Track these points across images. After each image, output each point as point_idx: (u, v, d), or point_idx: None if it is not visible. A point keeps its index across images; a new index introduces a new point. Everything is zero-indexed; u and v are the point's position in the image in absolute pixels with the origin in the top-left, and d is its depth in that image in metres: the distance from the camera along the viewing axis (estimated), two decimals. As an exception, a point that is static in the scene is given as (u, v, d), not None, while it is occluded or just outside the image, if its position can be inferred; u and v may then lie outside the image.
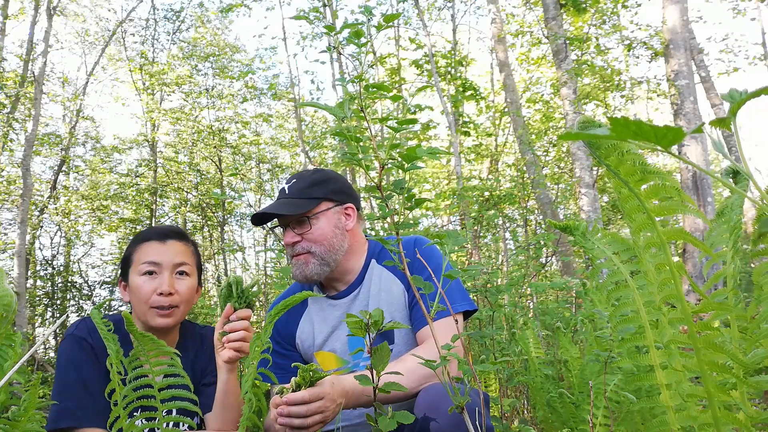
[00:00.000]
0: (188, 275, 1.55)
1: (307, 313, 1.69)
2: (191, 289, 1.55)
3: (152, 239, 1.54)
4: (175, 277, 1.52)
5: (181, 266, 1.53)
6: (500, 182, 7.86)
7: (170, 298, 1.49)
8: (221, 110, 10.95)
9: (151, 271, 1.50)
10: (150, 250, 1.52)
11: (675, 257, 7.17)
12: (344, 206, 1.64)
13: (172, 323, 1.52)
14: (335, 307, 1.65)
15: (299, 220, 1.58)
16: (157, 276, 1.50)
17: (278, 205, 1.58)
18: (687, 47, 7.97)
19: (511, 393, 2.79)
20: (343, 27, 1.09)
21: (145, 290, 1.49)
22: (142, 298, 1.49)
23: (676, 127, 0.43)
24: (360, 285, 1.64)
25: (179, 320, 1.55)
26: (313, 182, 1.61)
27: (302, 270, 1.58)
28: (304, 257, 1.57)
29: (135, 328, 1.13)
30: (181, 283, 1.53)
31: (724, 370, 0.78)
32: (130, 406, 1.14)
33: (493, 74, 11.74)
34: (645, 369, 0.91)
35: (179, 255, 1.54)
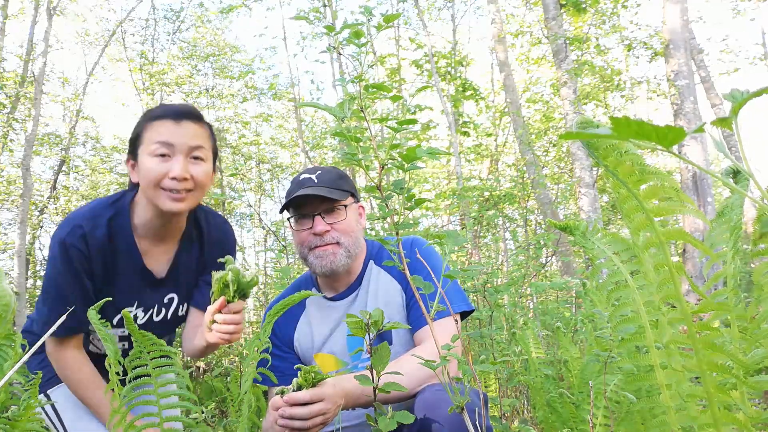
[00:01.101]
0: (203, 161, 1.43)
1: (305, 314, 1.68)
2: (206, 175, 1.44)
3: (166, 117, 1.40)
4: (190, 161, 1.40)
5: (196, 150, 1.41)
6: (500, 182, 7.86)
7: (184, 183, 1.38)
8: (221, 110, 10.94)
9: (164, 153, 1.38)
10: (163, 130, 1.38)
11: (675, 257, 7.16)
12: (358, 204, 1.65)
13: (185, 208, 1.42)
14: (334, 308, 1.64)
15: (331, 209, 1.54)
16: (170, 159, 1.38)
17: (318, 190, 1.50)
18: (687, 47, 7.97)
19: (511, 393, 2.79)
20: (343, 27, 1.08)
21: (156, 172, 1.37)
22: (153, 180, 1.37)
23: (677, 127, 0.43)
24: (359, 286, 1.64)
25: (191, 206, 1.45)
26: (339, 175, 1.59)
27: (330, 261, 1.53)
28: (332, 247, 1.53)
29: (134, 327, 1.13)
30: (195, 168, 1.41)
31: (724, 370, 0.78)
32: (131, 406, 1.14)
33: (493, 74, 11.74)
34: (645, 369, 0.91)
35: (195, 138, 1.41)
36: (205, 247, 1.60)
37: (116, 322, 1.50)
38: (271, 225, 7.18)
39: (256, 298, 7.96)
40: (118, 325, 1.51)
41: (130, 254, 1.47)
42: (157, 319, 1.55)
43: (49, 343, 1.46)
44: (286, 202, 1.58)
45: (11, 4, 9.35)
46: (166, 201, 1.39)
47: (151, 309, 1.54)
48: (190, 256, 1.58)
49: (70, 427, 1.52)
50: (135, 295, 1.50)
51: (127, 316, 1.13)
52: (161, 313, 1.56)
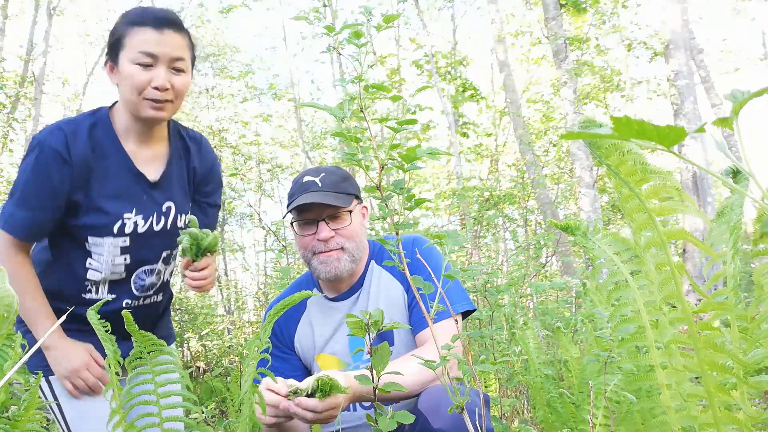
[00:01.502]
0: (184, 71, 1.47)
1: (306, 315, 1.67)
2: (186, 85, 1.49)
3: (147, 24, 1.42)
4: (171, 71, 1.44)
5: (178, 61, 1.45)
6: (500, 182, 7.86)
7: (165, 93, 1.43)
8: (221, 110, 10.95)
9: (147, 63, 1.41)
10: (146, 39, 1.41)
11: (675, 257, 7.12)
12: (362, 205, 1.64)
13: (166, 117, 1.49)
14: (336, 309, 1.63)
15: (336, 215, 1.54)
16: (152, 68, 1.42)
17: (322, 196, 1.50)
18: (687, 47, 7.97)
19: (511, 393, 2.79)
20: (343, 27, 1.08)
21: (139, 80, 1.41)
22: (136, 88, 1.41)
23: (678, 127, 0.43)
24: (361, 287, 1.63)
25: (171, 115, 1.51)
26: (343, 177, 1.58)
27: (335, 267, 1.53)
28: (336, 253, 1.53)
29: (134, 328, 1.13)
30: (176, 78, 1.45)
31: (725, 370, 0.78)
32: (130, 407, 1.14)
33: (493, 74, 11.75)
34: (645, 369, 0.91)
35: (177, 49, 1.45)
36: (193, 158, 1.65)
37: (116, 230, 1.49)
38: (271, 225, 7.18)
39: (256, 298, 7.96)
40: (118, 234, 1.50)
41: (118, 156, 1.50)
42: (157, 228, 1.55)
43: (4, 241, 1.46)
44: (289, 207, 1.57)
45: (11, 4, 9.35)
46: (148, 110, 1.44)
47: (150, 217, 1.54)
48: (180, 164, 1.62)
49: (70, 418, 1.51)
50: (132, 201, 1.51)
51: (127, 316, 1.12)
52: (161, 221, 1.56)
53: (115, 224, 1.49)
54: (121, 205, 1.50)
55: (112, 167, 1.49)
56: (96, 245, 1.50)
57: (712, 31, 33.72)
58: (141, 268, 1.57)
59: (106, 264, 1.51)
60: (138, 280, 1.57)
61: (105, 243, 1.49)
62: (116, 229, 1.49)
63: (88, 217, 1.47)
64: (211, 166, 1.69)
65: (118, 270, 1.53)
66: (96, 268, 1.52)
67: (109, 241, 1.49)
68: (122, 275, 1.54)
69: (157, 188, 1.55)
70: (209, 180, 1.69)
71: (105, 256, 1.50)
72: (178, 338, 4.94)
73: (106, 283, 1.54)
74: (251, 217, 9.89)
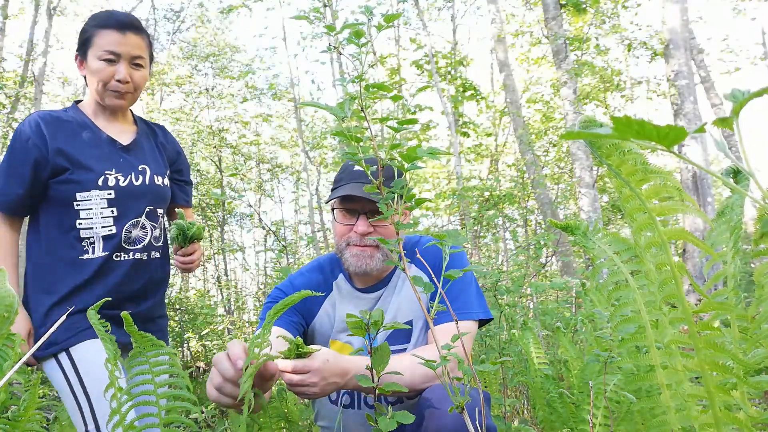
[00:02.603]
0: (143, 67, 1.77)
1: (331, 297, 1.65)
2: (144, 79, 1.80)
3: (112, 28, 1.71)
4: (132, 66, 1.74)
5: (137, 59, 1.74)
6: (500, 182, 7.86)
7: (126, 86, 1.73)
8: (221, 110, 10.94)
9: (111, 59, 1.70)
10: (111, 40, 1.70)
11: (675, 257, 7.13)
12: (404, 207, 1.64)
13: (125, 105, 1.79)
14: (362, 299, 1.63)
15: (377, 212, 1.52)
16: (115, 64, 1.71)
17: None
18: (687, 47, 7.97)
19: (511, 393, 2.79)
20: (343, 27, 1.08)
21: (104, 74, 1.71)
22: (101, 80, 1.71)
23: (678, 127, 0.43)
24: (389, 282, 1.63)
25: (131, 103, 1.81)
26: (390, 175, 1.57)
27: (366, 263, 1.53)
28: (370, 250, 1.53)
29: (134, 329, 1.13)
30: (136, 73, 1.75)
31: (725, 370, 0.78)
32: (129, 408, 1.14)
33: (493, 74, 11.75)
34: (645, 369, 0.91)
35: (136, 48, 1.74)
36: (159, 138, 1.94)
37: (101, 183, 1.71)
38: (271, 225, 7.18)
39: (255, 298, 7.96)
40: (103, 186, 1.71)
41: (92, 130, 1.78)
42: (137, 183, 1.77)
43: None
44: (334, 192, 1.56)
45: (11, 4, 9.35)
46: (112, 99, 1.75)
47: (128, 174, 1.76)
48: (149, 140, 1.90)
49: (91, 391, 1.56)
50: (109, 161, 1.75)
51: (126, 317, 1.12)
52: (139, 178, 1.79)
53: (99, 178, 1.71)
54: (102, 163, 1.73)
55: (88, 138, 1.76)
56: (84, 200, 1.70)
57: (712, 31, 33.69)
58: (128, 221, 1.75)
59: (96, 217, 1.70)
60: (126, 233, 1.75)
61: (92, 196, 1.70)
62: (101, 182, 1.71)
63: (75, 174, 1.69)
64: (176, 148, 1.99)
65: (107, 223, 1.72)
66: (86, 225, 1.71)
67: (95, 194, 1.70)
68: (111, 230, 1.72)
69: (130, 152, 1.81)
70: (179, 162, 1.98)
71: (94, 209, 1.70)
72: (178, 338, 4.95)
73: (100, 240, 1.72)
74: (251, 217, 9.90)
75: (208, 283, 10.83)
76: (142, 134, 1.88)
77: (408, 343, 1.58)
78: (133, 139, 1.84)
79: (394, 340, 1.58)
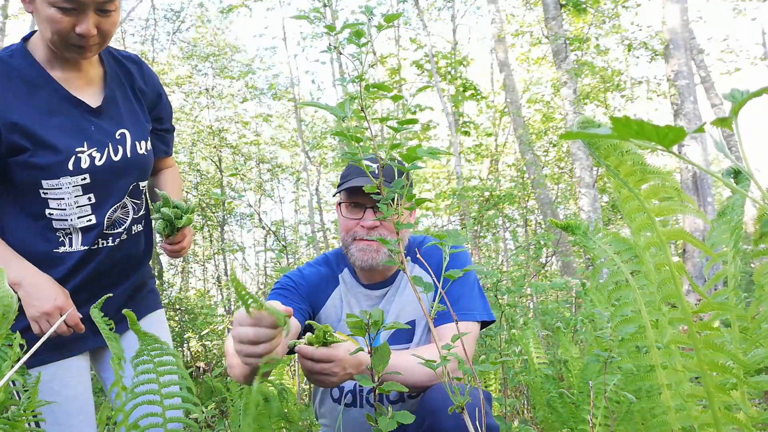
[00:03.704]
0: (113, 11, 1.32)
1: (338, 289, 1.65)
2: (114, 25, 1.35)
3: None
4: (98, 14, 1.30)
5: (105, 4, 1.29)
6: (500, 182, 7.86)
7: (92, 39, 1.31)
8: (221, 110, 10.94)
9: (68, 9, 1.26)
10: None
11: (675, 257, 7.21)
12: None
13: (91, 57, 1.37)
14: (367, 296, 1.63)
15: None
16: (76, 13, 1.27)
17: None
18: (687, 47, 7.97)
19: (511, 393, 2.79)
20: (343, 27, 1.08)
21: (61, 26, 1.27)
22: (57, 32, 1.28)
23: (677, 127, 0.43)
24: (393, 281, 1.63)
25: (98, 52, 1.39)
26: (391, 174, 1.56)
27: (372, 257, 1.52)
28: (376, 244, 1.52)
29: (138, 328, 1.12)
30: (104, 20, 1.31)
31: (725, 370, 0.78)
32: (132, 408, 1.14)
33: (493, 74, 11.75)
34: (645, 369, 0.91)
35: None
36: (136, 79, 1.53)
37: (72, 167, 1.35)
38: (271, 225, 7.18)
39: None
40: (75, 171, 1.35)
41: (47, 85, 1.36)
42: (116, 158, 1.41)
43: None
44: (341, 185, 1.55)
45: (11, 4, 9.35)
46: (72, 53, 1.33)
47: (105, 147, 1.40)
48: (123, 87, 1.50)
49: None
50: (79, 133, 1.37)
51: (129, 314, 1.11)
52: (118, 151, 1.42)
53: (69, 161, 1.34)
54: (69, 139, 1.35)
55: (46, 100, 1.35)
56: (53, 189, 1.34)
57: (712, 31, 33.74)
58: (110, 208, 1.43)
59: (69, 208, 1.37)
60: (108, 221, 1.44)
61: (62, 184, 1.34)
62: (71, 166, 1.35)
63: (37, 156, 1.31)
64: (157, 89, 1.58)
65: (84, 213, 1.39)
66: (59, 216, 1.37)
67: (66, 181, 1.34)
68: (90, 220, 1.40)
69: (102, 115, 1.42)
70: (159, 104, 1.59)
71: (66, 199, 1.36)
72: (178, 338, 4.95)
73: (78, 233, 1.40)
74: (251, 217, 9.89)
75: (208, 283, 10.83)
76: (113, 82, 1.47)
77: (410, 343, 1.59)
78: (104, 96, 1.43)
79: (396, 339, 1.58)
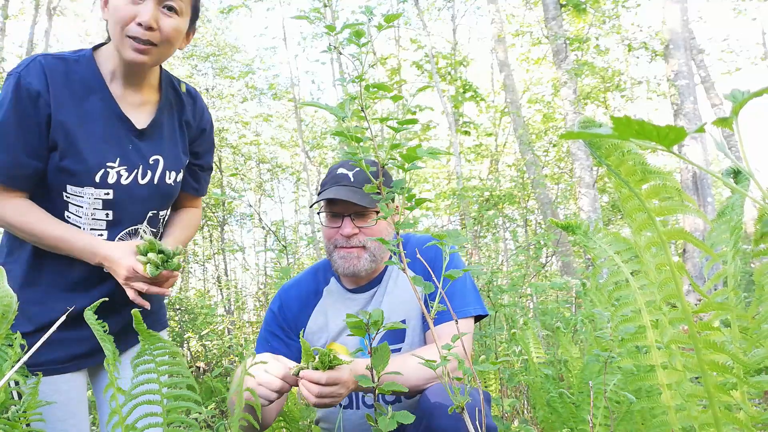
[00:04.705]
0: (178, 14, 1.31)
1: (321, 305, 1.66)
2: (177, 31, 1.32)
3: None
4: (162, 11, 1.29)
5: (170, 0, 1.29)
6: (500, 182, 7.86)
7: (149, 33, 1.28)
8: (221, 110, 10.94)
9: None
10: None
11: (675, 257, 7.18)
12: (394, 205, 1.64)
13: (148, 62, 1.33)
14: (354, 300, 1.63)
15: (362, 213, 1.53)
16: (141, 2, 1.27)
17: (351, 193, 1.49)
18: (687, 47, 7.97)
19: (511, 393, 2.79)
20: (343, 27, 1.08)
21: (122, 14, 1.26)
22: (120, 20, 1.27)
23: (678, 127, 0.43)
24: (380, 282, 1.64)
25: (156, 62, 1.36)
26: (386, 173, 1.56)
27: (354, 264, 1.54)
28: (357, 251, 1.54)
29: (143, 327, 1.12)
30: (167, 20, 1.29)
31: (725, 370, 0.78)
32: (132, 407, 1.14)
33: (493, 74, 11.74)
34: (645, 369, 0.91)
35: None
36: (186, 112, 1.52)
37: (98, 179, 1.34)
38: (271, 225, 7.18)
39: (255, 298, 7.95)
40: (101, 184, 1.34)
41: (102, 97, 1.36)
42: (142, 182, 1.41)
43: None
44: (318, 197, 1.57)
45: (11, 4, 9.36)
46: (129, 50, 1.30)
47: (135, 169, 1.39)
48: (172, 115, 1.49)
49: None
50: (116, 147, 1.37)
51: (136, 314, 1.10)
52: (146, 175, 1.42)
53: (97, 173, 1.34)
54: (105, 152, 1.35)
55: (96, 109, 1.35)
56: (75, 195, 1.34)
57: (712, 31, 33.75)
58: (124, 229, 1.42)
59: (85, 218, 1.37)
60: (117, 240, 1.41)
61: (85, 194, 1.34)
62: (98, 178, 1.34)
63: (67, 160, 1.31)
64: (203, 125, 1.57)
65: (98, 227, 1.38)
66: (74, 222, 1.37)
67: (89, 192, 1.34)
68: (102, 235, 1.39)
69: (144, 138, 1.42)
70: (200, 138, 1.57)
71: (84, 208, 1.36)
72: (178, 338, 4.95)
73: None
74: (251, 217, 9.89)
75: (208, 283, 10.82)
76: (164, 108, 1.47)
77: (402, 342, 1.58)
78: (153, 119, 1.43)
79: (388, 340, 1.58)
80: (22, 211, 1.32)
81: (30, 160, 1.30)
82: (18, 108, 1.27)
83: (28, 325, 1.35)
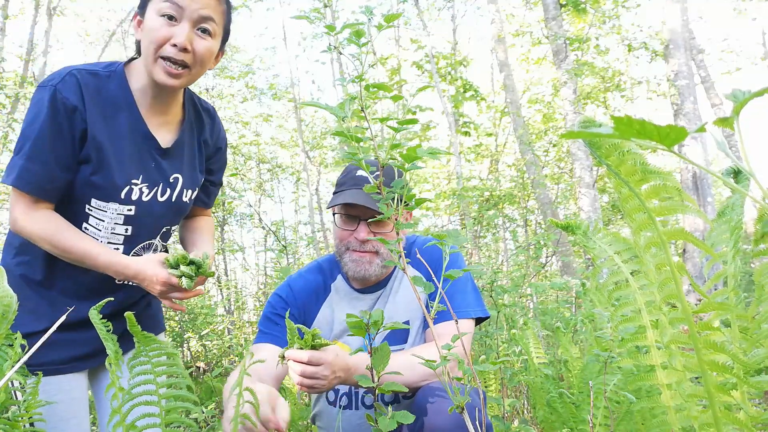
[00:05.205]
0: (211, 36, 1.34)
1: (329, 300, 1.66)
2: (209, 52, 1.35)
3: None
4: (196, 32, 1.31)
5: (206, 21, 1.32)
6: (500, 182, 7.86)
7: (183, 55, 1.30)
8: (221, 110, 10.94)
9: (172, 16, 1.28)
10: None
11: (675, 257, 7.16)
12: (408, 212, 1.63)
13: (179, 85, 1.35)
14: (361, 299, 1.63)
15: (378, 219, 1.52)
16: (176, 24, 1.29)
17: (370, 200, 1.48)
18: (687, 47, 7.97)
19: (511, 393, 2.79)
20: (343, 27, 1.08)
21: (158, 35, 1.29)
22: (154, 41, 1.29)
23: (679, 127, 0.43)
24: (388, 282, 1.64)
25: (187, 84, 1.38)
26: (390, 176, 1.56)
27: (365, 269, 1.54)
28: (369, 256, 1.54)
29: (137, 329, 1.12)
30: (200, 42, 1.32)
31: (725, 370, 0.78)
32: (131, 408, 1.14)
33: (493, 74, 11.75)
34: (645, 369, 0.91)
35: (207, 8, 1.31)
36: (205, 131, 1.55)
37: (124, 195, 1.37)
38: (271, 225, 7.19)
39: (256, 298, 7.96)
40: (125, 200, 1.38)
41: (131, 115, 1.38)
42: (161, 199, 1.44)
43: (18, 205, 1.32)
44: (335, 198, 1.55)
45: (11, 4, 9.36)
46: (161, 73, 1.32)
47: (156, 186, 1.43)
48: (192, 135, 1.52)
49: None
50: (139, 165, 1.39)
51: (130, 317, 1.11)
52: (166, 193, 1.45)
53: (123, 189, 1.37)
54: (130, 169, 1.38)
55: (124, 126, 1.37)
56: (98, 209, 1.37)
57: (712, 31, 33.74)
58: (139, 244, 1.46)
59: (104, 231, 1.39)
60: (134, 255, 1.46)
61: (109, 208, 1.37)
62: (123, 195, 1.37)
63: (97, 176, 1.33)
64: (219, 143, 1.61)
65: (116, 241, 1.42)
66: (92, 234, 1.39)
67: (113, 207, 1.37)
68: (118, 249, 1.42)
69: (167, 157, 1.45)
70: (215, 156, 1.60)
71: (105, 222, 1.39)
72: (178, 338, 4.94)
73: None
74: (251, 217, 9.89)
75: (208, 282, 10.82)
76: (186, 129, 1.50)
77: (405, 343, 1.59)
78: (177, 139, 1.46)
79: (391, 340, 1.59)
80: (49, 224, 1.33)
81: (62, 173, 1.32)
82: (55, 121, 1.29)
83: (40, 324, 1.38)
